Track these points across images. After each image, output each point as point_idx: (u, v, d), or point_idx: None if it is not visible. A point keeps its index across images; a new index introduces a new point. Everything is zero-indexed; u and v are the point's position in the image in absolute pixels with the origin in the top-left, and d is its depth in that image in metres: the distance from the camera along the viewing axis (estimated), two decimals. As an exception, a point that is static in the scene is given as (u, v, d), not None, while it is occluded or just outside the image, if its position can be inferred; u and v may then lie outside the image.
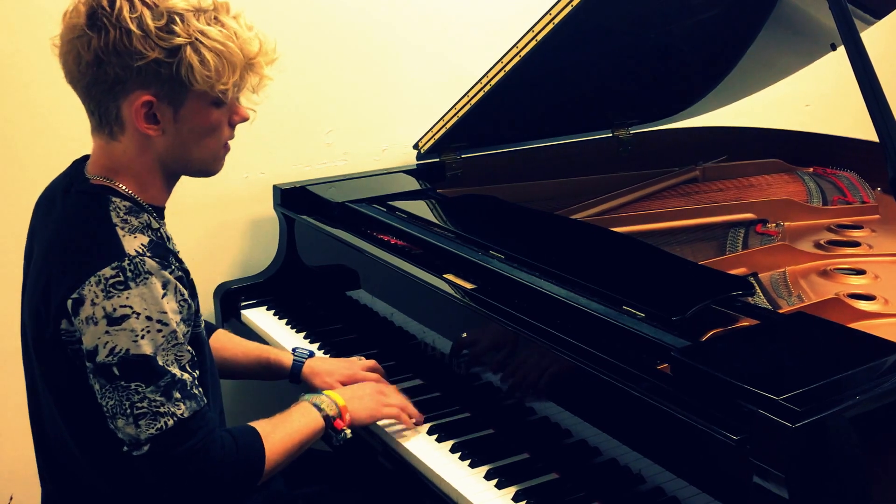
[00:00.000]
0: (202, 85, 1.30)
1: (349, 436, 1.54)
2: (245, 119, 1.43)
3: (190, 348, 1.34)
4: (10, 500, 2.34)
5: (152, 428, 1.27)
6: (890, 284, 1.75)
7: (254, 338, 2.06)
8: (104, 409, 1.29)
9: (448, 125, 2.26)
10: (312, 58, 2.50)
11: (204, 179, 1.47)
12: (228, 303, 2.26)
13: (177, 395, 1.29)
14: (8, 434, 2.29)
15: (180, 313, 1.32)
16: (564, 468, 1.48)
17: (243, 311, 2.24)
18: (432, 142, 2.32)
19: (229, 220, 2.49)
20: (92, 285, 1.26)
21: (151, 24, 1.27)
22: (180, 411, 1.29)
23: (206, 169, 1.43)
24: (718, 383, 1.22)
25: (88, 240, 1.32)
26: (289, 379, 1.78)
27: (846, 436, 1.18)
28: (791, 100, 3.21)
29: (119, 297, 1.26)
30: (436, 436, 1.60)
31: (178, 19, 1.28)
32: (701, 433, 1.21)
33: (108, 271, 1.26)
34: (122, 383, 1.27)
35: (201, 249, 2.41)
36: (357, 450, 1.58)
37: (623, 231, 2.03)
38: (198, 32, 1.29)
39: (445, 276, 1.76)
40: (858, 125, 2.02)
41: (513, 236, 1.88)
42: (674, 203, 2.28)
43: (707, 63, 2.43)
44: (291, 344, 1.95)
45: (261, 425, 1.43)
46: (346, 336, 2.04)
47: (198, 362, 1.37)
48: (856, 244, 1.98)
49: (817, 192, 2.30)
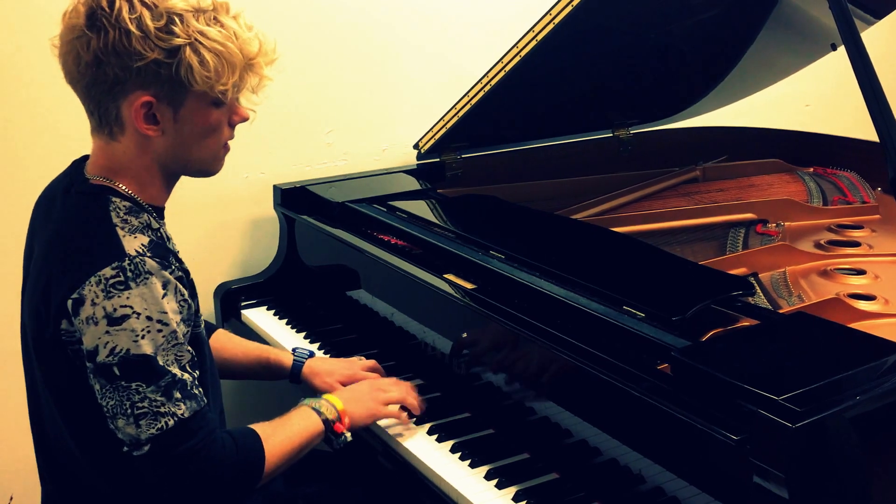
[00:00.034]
0: (202, 85, 1.30)
1: (349, 439, 1.54)
2: (245, 119, 1.43)
3: (190, 348, 1.34)
4: (10, 500, 2.34)
5: (153, 428, 1.27)
6: (890, 284, 1.75)
7: (254, 338, 2.06)
8: (104, 409, 1.29)
9: (448, 125, 2.26)
10: (312, 58, 2.49)
11: (204, 179, 1.47)
12: (229, 303, 2.26)
13: (177, 395, 1.29)
14: (8, 434, 2.29)
15: (180, 313, 1.32)
16: (564, 468, 1.48)
17: (243, 311, 2.24)
18: (432, 142, 2.32)
19: (229, 220, 2.49)
20: (92, 285, 1.26)
21: (151, 24, 1.27)
22: (181, 411, 1.29)
23: (205, 169, 1.44)
24: (718, 383, 1.22)
25: (88, 240, 1.32)
26: (289, 379, 1.78)
27: (846, 436, 1.18)
28: (791, 100, 3.21)
29: (119, 297, 1.26)
30: (436, 436, 1.60)
31: (177, 20, 1.28)
32: (701, 433, 1.21)
33: (108, 271, 1.26)
34: (123, 383, 1.27)
35: (201, 249, 2.41)
36: (357, 449, 1.58)
37: (623, 231, 2.03)
38: (197, 33, 1.29)
39: (446, 276, 1.76)
40: (858, 125, 2.02)
41: (513, 236, 1.88)
42: (674, 203, 2.28)
43: (707, 63, 2.43)
44: (292, 344, 1.95)
45: (261, 428, 1.43)
46: (346, 336, 2.04)
47: (198, 362, 1.37)
48: (856, 244, 1.98)
49: (817, 192, 2.30)
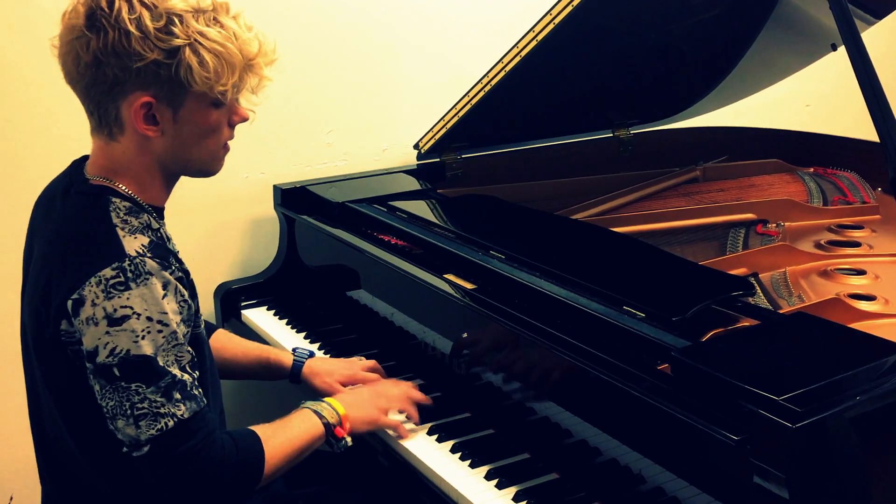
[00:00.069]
0: (201, 86, 1.30)
1: (349, 444, 1.53)
2: (244, 119, 1.43)
3: (190, 349, 1.34)
4: (10, 500, 2.34)
5: (152, 429, 1.27)
6: (890, 285, 1.75)
7: (254, 338, 2.06)
8: (104, 409, 1.29)
9: (448, 125, 2.25)
10: (312, 58, 2.49)
11: (204, 179, 1.47)
12: (229, 303, 2.26)
13: (177, 396, 1.29)
14: (8, 434, 2.29)
15: (180, 314, 1.32)
16: (565, 468, 1.48)
17: (244, 311, 2.24)
18: (433, 142, 2.32)
19: (229, 220, 2.49)
20: (92, 286, 1.26)
21: (150, 25, 1.27)
22: (180, 412, 1.29)
23: (205, 169, 1.43)
24: (719, 383, 1.22)
25: (89, 240, 1.31)
26: (289, 379, 1.78)
27: (846, 436, 1.18)
28: (791, 100, 3.21)
29: (119, 297, 1.26)
30: (436, 436, 1.60)
31: (176, 20, 1.28)
32: (701, 433, 1.21)
33: (108, 272, 1.26)
34: (123, 384, 1.27)
35: (201, 249, 2.41)
36: (357, 450, 1.58)
37: (623, 231, 2.03)
38: (197, 33, 1.29)
39: (446, 276, 1.76)
40: (859, 125, 2.02)
41: (513, 236, 1.88)
42: (674, 203, 2.28)
43: (708, 63, 2.43)
44: (292, 344, 1.95)
45: (261, 429, 1.43)
46: (346, 336, 2.04)
47: (198, 363, 1.37)
48: (856, 244, 1.98)
49: (818, 192, 2.30)
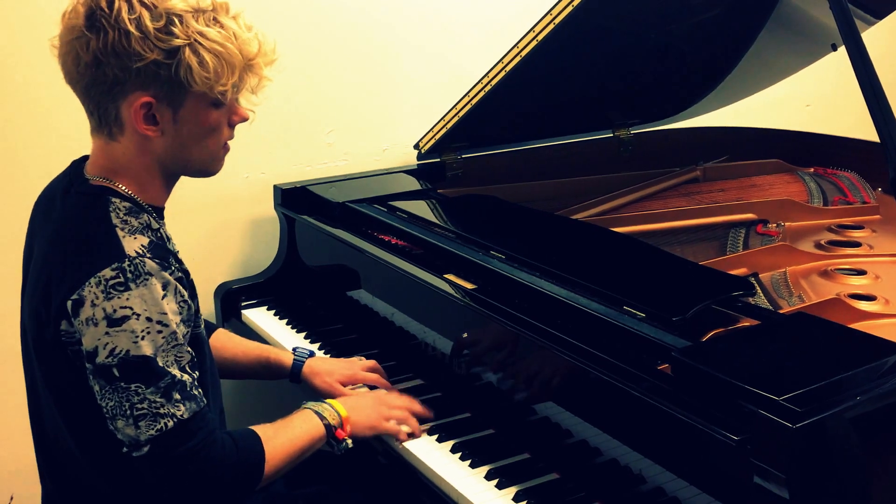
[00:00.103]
0: (201, 86, 1.30)
1: (350, 446, 1.54)
2: (244, 119, 1.43)
3: (190, 349, 1.34)
4: (10, 499, 2.34)
5: (152, 429, 1.27)
6: (890, 285, 1.75)
7: (254, 338, 2.05)
8: (104, 409, 1.29)
9: (449, 125, 2.25)
10: (313, 58, 2.49)
11: (204, 179, 1.47)
12: (229, 303, 2.26)
13: (177, 396, 1.29)
14: (8, 434, 2.29)
15: (180, 314, 1.32)
16: (565, 468, 1.48)
17: (244, 311, 2.24)
18: (433, 142, 2.32)
19: (230, 220, 2.49)
20: (92, 286, 1.26)
21: (150, 25, 1.27)
22: (180, 412, 1.29)
23: (205, 169, 1.43)
24: (719, 384, 1.22)
25: (88, 241, 1.31)
26: (289, 378, 1.78)
27: (847, 436, 1.18)
28: (792, 100, 3.21)
29: (119, 298, 1.26)
30: (436, 436, 1.60)
31: (176, 20, 1.28)
32: (701, 433, 1.21)
33: (108, 272, 1.26)
34: (122, 384, 1.27)
35: (201, 249, 2.41)
36: (357, 450, 1.58)
37: (624, 231, 2.03)
38: (196, 34, 1.29)
39: (446, 276, 1.75)
40: (859, 125, 2.02)
41: (513, 236, 1.88)
42: (675, 203, 2.28)
43: (708, 63, 2.43)
44: (292, 344, 1.95)
45: (262, 429, 1.43)
46: (346, 336, 2.04)
47: (198, 363, 1.37)
48: (856, 244, 1.98)
49: (818, 192, 2.29)
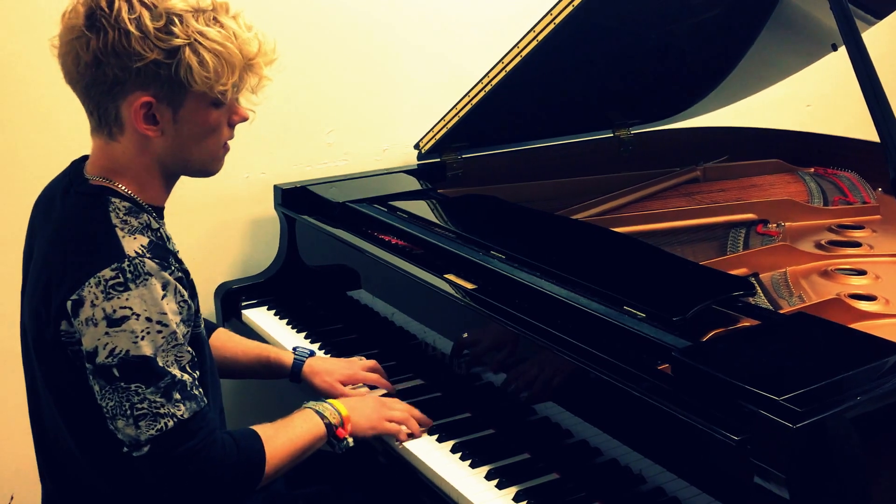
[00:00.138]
0: (201, 86, 1.30)
1: (351, 444, 1.54)
2: (244, 119, 1.43)
3: (190, 349, 1.34)
4: (10, 499, 2.34)
5: (152, 429, 1.27)
6: (891, 285, 1.75)
7: (255, 338, 2.05)
8: (104, 410, 1.29)
9: (449, 125, 2.25)
10: (313, 58, 2.49)
11: (204, 179, 1.47)
12: (229, 303, 2.26)
13: (177, 396, 1.29)
14: (8, 434, 2.29)
15: (180, 314, 1.32)
16: (565, 468, 1.48)
17: (244, 311, 2.23)
18: (433, 142, 2.32)
19: (230, 220, 2.49)
20: (92, 286, 1.26)
21: (150, 25, 1.27)
22: (180, 412, 1.29)
23: (205, 169, 1.43)
24: (719, 384, 1.22)
25: (88, 241, 1.31)
26: (289, 378, 1.78)
27: (847, 436, 1.18)
28: (792, 100, 3.21)
29: (119, 298, 1.26)
30: (436, 436, 1.60)
31: (176, 20, 1.28)
32: (702, 433, 1.21)
33: (107, 272, 1.26)
34: (122, 384, 1.27)
35: (202, 249, 2.41)
36: (357, 450, 1.58)
37: (624, 231, 2.03)
38: (196, 33, 1.29)
39: (446, 276, 1.75)
40: (859, 125, 2.02)
41: (513, 236, 1.88)
42: (675, 203, 2.28)
43: (708, 63, 2.43)
44: (292, 344, 1.95)
45: (262, 429, 1.43)
46: (346, 336, 2.04)
47: (198, 362, 1.37)
48: (857, 244, 1.98)
49: (818, 192, 2.29)
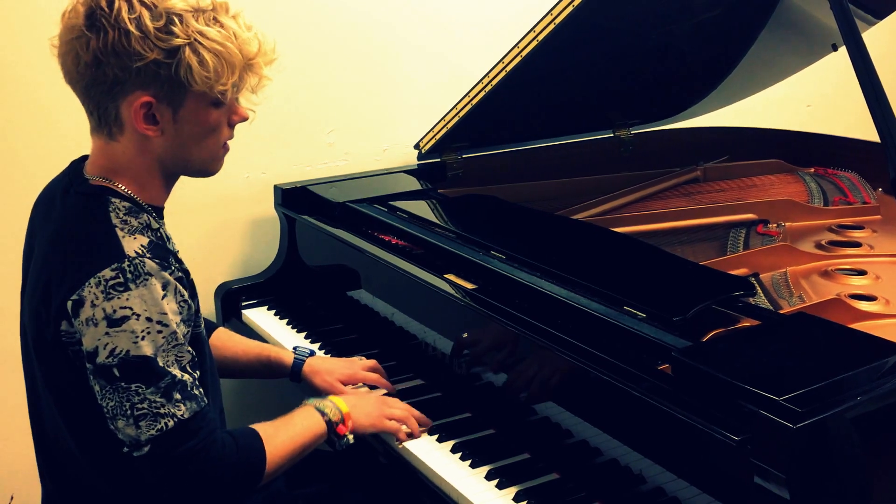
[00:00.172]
0: (201, 86, 1.30)
1: (351, 441, 1.54)
2: (244, 119, 1.43)
3: (190, 349, 1.34)
4: (10, 499, 2.34)
5: (153, 429, 1.27)
6: (891, 285, 1.75)
7: (255, 338, 2.05)
8: (104, 410, 1.29)
9: (449, 125, 2.25)
10: (313, 58, 2.49)
11: (204, 179, 1.47)
12: (229, 303, 2.26)
13: (177, 396, 1.29)
14: (8, 434, 2.29)
15: (180, 314, 1.32)
16: (565, 468, 1.48)
17: (244, 311, 2.24)
18: (433, 142, 2.32)
19: (230, 219, 2.49)
20: (92, 287, 1.26)
21: (150, 24, 1.27)
22: (181, 412, 1.29)
23: (205, 169, 1.43)
24: (719, 384, 1.22)
25: (88, 241, 1.31)
26: (289, 377, 1.78)
27: (847, 436, 1.18)
28: (792, 100, 3.21)
29: (119, 298, 1.26)
30: (436, 436, 1.60)
31: (176, 20, 1.28)
32: (702, 433, 1.21)
33: (107, 272, 1.26)
34: (123, 384, 1.27)
35: (202, 249, 2.41)
36: (358, 450, 1.58)
37: (624, 231, 2.03)
38: (196, 33, 1.29)
39: (446, 276, 1.75)
40: (859, 125, 2.02)
41: (514, 236, 1.88)
42: (675, 203, 2.28)
43: (708, 63, 2.43)
44: (292, 344, 1.94)
45: (263, 427, 1.43)
46: (346, 336, 2.04)
47: (198, 362, 1.36)
48: (857, 245, 1.98)
49: (818, 192, 2.29)
